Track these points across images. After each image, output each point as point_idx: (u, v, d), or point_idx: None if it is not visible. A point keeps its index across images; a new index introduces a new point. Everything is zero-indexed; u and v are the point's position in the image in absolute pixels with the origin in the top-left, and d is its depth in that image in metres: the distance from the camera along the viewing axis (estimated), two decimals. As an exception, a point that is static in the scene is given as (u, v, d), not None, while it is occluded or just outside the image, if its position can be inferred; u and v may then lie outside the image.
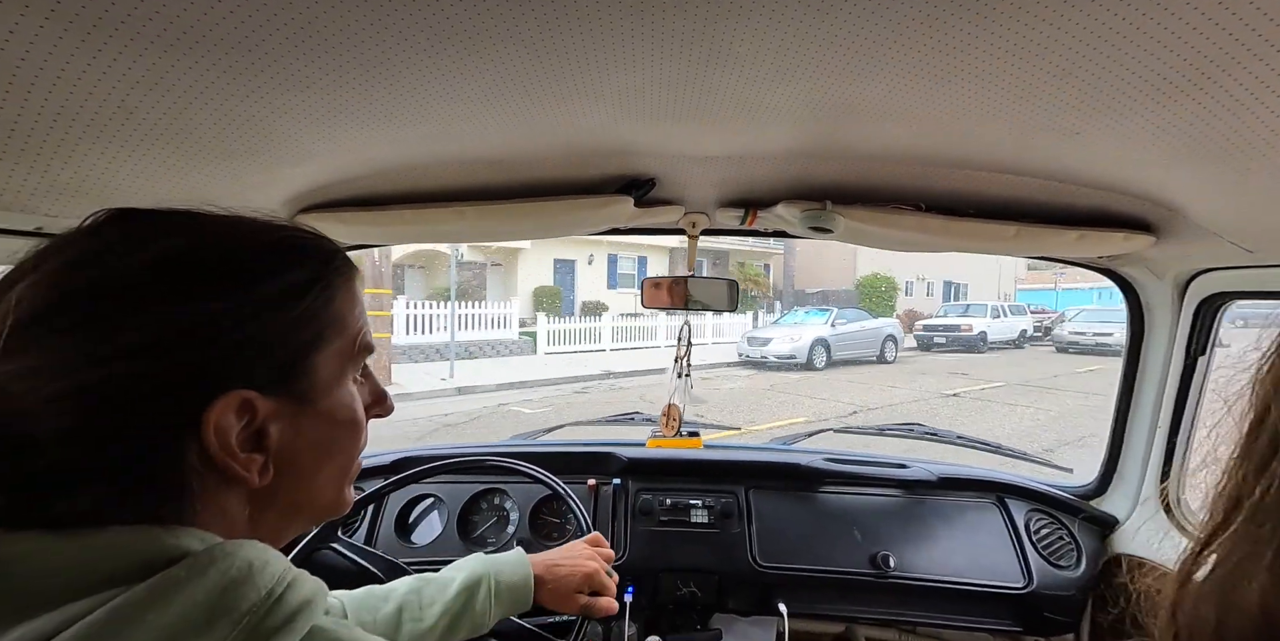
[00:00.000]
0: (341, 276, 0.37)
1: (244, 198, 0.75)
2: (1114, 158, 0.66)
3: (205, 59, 0.44)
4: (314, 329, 0.35)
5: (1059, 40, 0.43)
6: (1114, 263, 1.06)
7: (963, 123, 0.61)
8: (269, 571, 0.29)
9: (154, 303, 0.30)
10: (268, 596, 0.28)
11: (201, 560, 0.28)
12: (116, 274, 0.30)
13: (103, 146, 0.54)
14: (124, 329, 0.29)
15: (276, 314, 0.33)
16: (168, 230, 0.33)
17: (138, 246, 0.32)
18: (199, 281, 0.32)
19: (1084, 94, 0.51)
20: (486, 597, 0.69)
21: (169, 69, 0.44)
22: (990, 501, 1.22)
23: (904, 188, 0.86)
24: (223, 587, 0.27)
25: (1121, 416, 1.17)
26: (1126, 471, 1.18)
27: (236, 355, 0.32)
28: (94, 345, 0.29)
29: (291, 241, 0.37)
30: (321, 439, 0.36)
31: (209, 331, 0.31)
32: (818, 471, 1.22)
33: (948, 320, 14.32)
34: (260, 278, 0.33)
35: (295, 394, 0.34)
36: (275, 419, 0.33)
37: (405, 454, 1.28)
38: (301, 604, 0.29)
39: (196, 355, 0.31)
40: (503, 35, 0.44)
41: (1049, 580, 1.10)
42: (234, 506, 0.33)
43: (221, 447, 0.31)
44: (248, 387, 0.32)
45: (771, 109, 0.61)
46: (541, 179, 0.86)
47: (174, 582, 0.26)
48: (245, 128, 0.57)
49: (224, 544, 0.30)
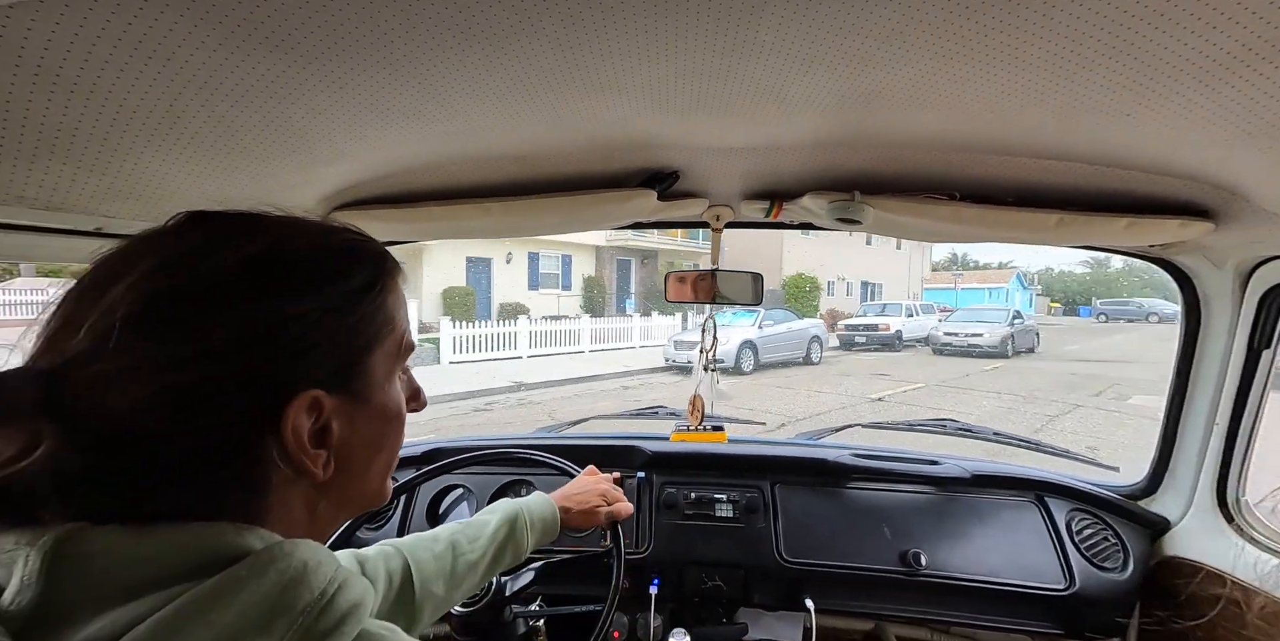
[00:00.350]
0: (393, 278, 0.39)
1: (283, 196, 0.78)
2: (1168, 139, 0.62)
3: (247, 62, 0.46)
4: (372, 329, 0.37)
5: (1106, 17, 0.40)
6: (1168, 251, 1.00)
7: (1001, 107, 0.58)
8: (322, 572, 0.30)
9: (238, 305, 0.31)
10: (320, 596, 0.29)
11: (262, 559, 0.29)
12: (204, 276, 0.31)
13: (154, 149, 0.57)
14: (212, 330, 0.30)
15: (342, 315, 0.35)
16: (246, 233, 0.34)
17: (221, 249, 0.33)
18: (278, 283, 0.33)
19: (1136, 73, 0.48)
20: (523, 528, 0.80)
21: (214, 71, 0.47)
22: (1029, 500, 1.17)
23: (936, 176, 0.82)
24: (281, 587, 0.28)
25: (1174, 412, 1.11)
26: (1179, 470, 1.12)
27: (310, 355, 0.33)
28: (183, 346, 0.30)
29: (353, 244, 0.38)
30: (374, 434, 0.38)
31: (288, 333, 0.32)
32: (845, 467, 1.20)
33: (867, 320, 14.71)
34: (331, 280, 0.35)
35: (353, 392, 0.36)
36: (337, 416, 0.35)
37: (436, 445, 1.32)
38: (351, 607, 0.30)
39: (277, 356, 0.32)
40: (527, 31, 0.45)
41: (1093, 582, 1.06)
42: (297, 501, 0.35)
43: (297, 445, 0.33)
44: (316, 387, 0.33)
45: (798, 99, 0.59)
46: (565, 173, 0.87)
47: (236, 581, 0.28)
48: (284, 128, 0.59)
49: (282, 543, 0.31)
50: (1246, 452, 1.01)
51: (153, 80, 0.46)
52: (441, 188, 0.90)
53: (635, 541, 1.16)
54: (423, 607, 0.68)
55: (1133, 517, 1.14)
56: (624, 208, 0.89)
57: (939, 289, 29.91)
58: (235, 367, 0.31)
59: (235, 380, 0.31)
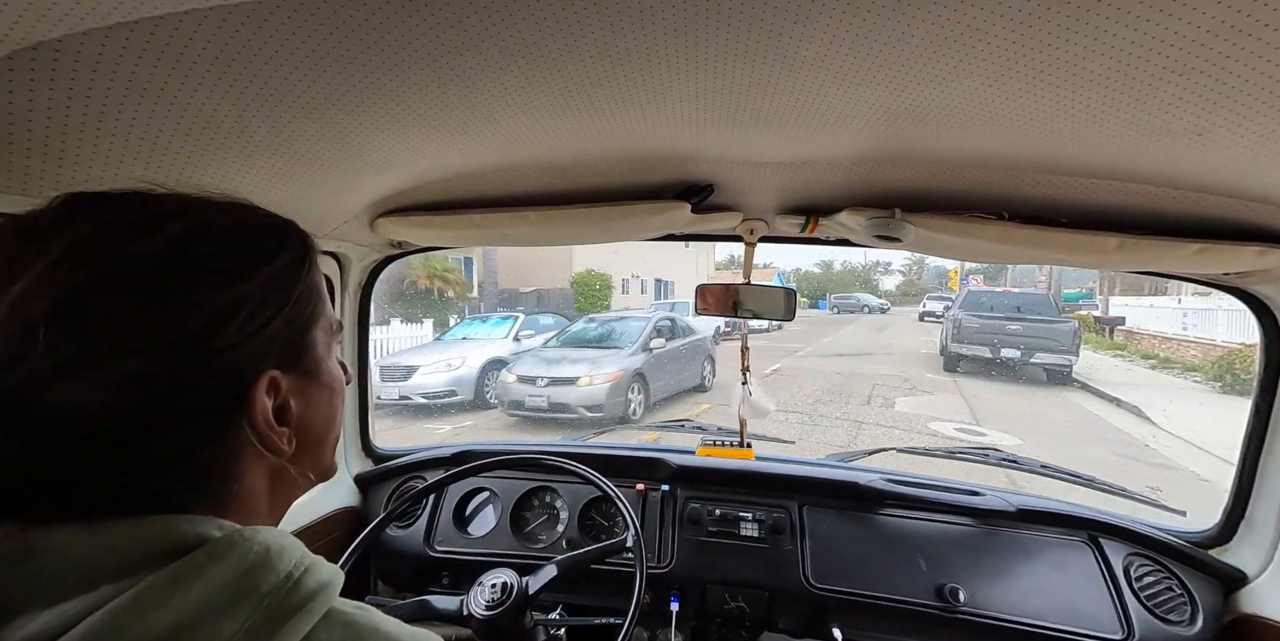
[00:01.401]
0: (315, 253, 0.39)
1: (333, 202, 0.83)
2: (1245, 160, 0.58)
3: (311, 75, 0.49)
4: (309, 306, 0.37)
5: (1180, 32, 0.38)
6: (1244, 280, 0.92)
7: (1059, 126, 0.56)
8: (286, 556, 0.30)
9: (185, 289, 0.30)
10: (286, 579, 0.29)
11: (221, 545, 0.29)
12: (131, 264, 0.30)
13: (222, 157, 0.61)
14: (160, 317, 0.29)
15: (284, 293, 0.35)
16: (153, 215, 0.32)
17: (137, 234, 0.30)
18: (214, 265, 0.32)
19: (1208, 90, 0.45)
20: None
21: (281, 84, 0.50)
22: (1081, 540, 1.09)
23: (983, 194, 0.79)
24: (243, 571, 0.28)
25: (1252, 454, 1.01)
26: (1257, 518, 1.01)
27: (261, 337, 0.33)
28: (131, 336, 0.29)
29: (269, 221, 0.37)
30: (325, 408, 0.39)
31: (240, 315, 0.32)
32: (878, 492, 1.15)
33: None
34: (265, 259, 0.34)
35: (303, 369, 0.36)
36: (292, 394, 0.35)
37: (465, 447, 1.35)
38: (319, 586, 0.30)
39: (234, 339, 0.31)
40: (571, 48, 0.46)
41: (1156, 635, 0.97)
42: (260, 483, 0.35)
43: (266, 425, 0.33)
44: (273, 368, 0.34)
45: (839, 115, 0.59)
46: (601, 185, 0.88)
47: (195, 567, 0.27)
48: (339, 139, 0.63)
49: (242, 530, 0.30)
50: None
51: (225, 93, 0.50)
52: (481, 196, 0.93)
53: (658, 556, 1.15)
54: None
55: (1202, 568, 1.04)
56: (657, 219, 0.90)
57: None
58: (195, 354, 0.30)
59: (198, 368, 0.30)
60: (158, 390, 0.29)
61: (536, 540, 1.20)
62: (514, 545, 1.19)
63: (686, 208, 0.88)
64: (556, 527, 1.21)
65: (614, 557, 1.13)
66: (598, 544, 0.94)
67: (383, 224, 0.97)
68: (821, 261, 53.62)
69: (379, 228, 0.98)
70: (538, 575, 0.89)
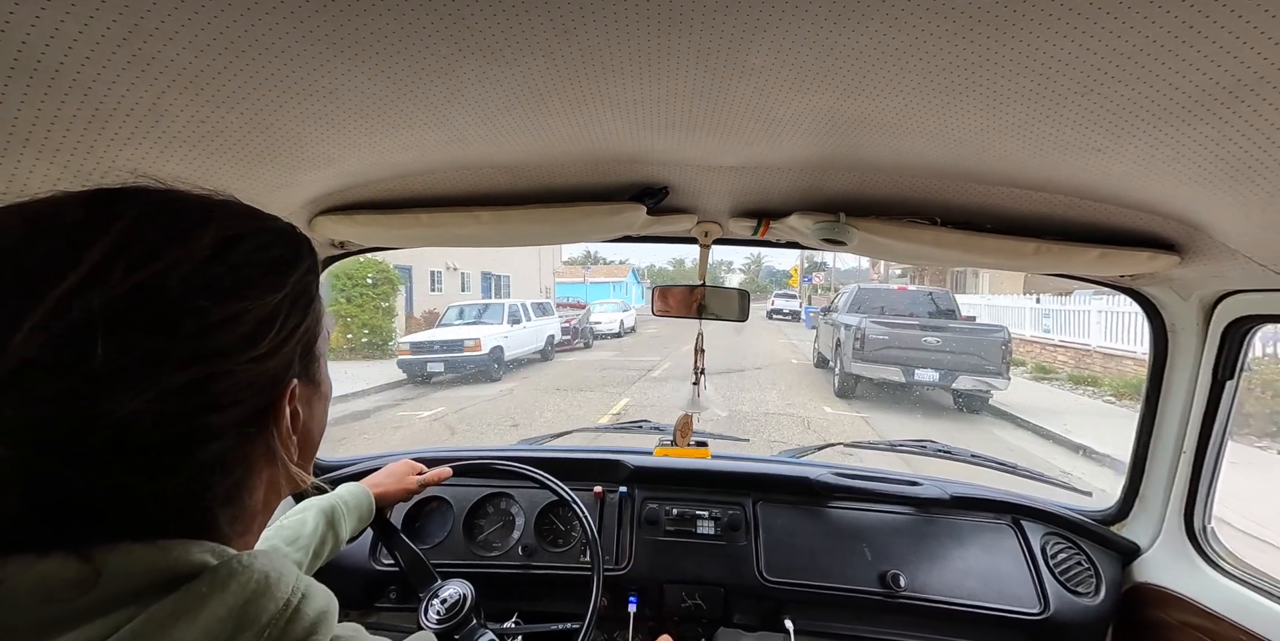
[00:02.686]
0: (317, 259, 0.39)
1: (266, 198, 0.77)
2: (1137, 175, 0.65)
3: (235, 64, 0.45)
4: (318, 313, 0.37)
5: (1080, 57, 0.42)
6: (1137, 282, 1.03)
7: (980, 138, 0.61)
8: (284, 582, 0.29)
9: (234, 295, 0.30)
10: (285, 607, 0.29)
11: (221, 573, 0.28)
12: (179, 267, 0.29)
13: (134, 146, 0.56)
14: (213, 325, 0.29)
15: (307, 300, 0.35)
16: (191, 215, 0.31)
17: (181, 236, 0.30)
18: (258, 271, 0.32)
19: (1107, 111, 0.50)
20: (340, 517, 0.84)
21: (200, 72, 0.46)
22: (1005, 523, 1.19)
23: (920, 201, 0.85)
24: (244, 600, 0.27)
25: (1143, 439, 1.14)
26: (1149, 497, 1.14)
27: (291, 343, 0.33)
28: (185, 343, 0.28)
29: (282, 225, 0.36)
30: (321, 418, 0.39)
31: (276, 322, 0.32)
32: (827, 485, 1.20)
33: (449, 334, 8.86)
34: (293, 264, 0.34)
35: (310, 376, 0.36)
36: (301, 402, 0.35)
37: (415, 455, 1.29)
38: (319, 614, 0.30)
39: (271, 346, 0.31)
40: (522, 44, 0.45)
41: (1067, 607, 1.06)
42: (261, 492, 0.34)
43: (287, 434, 0.33)
44: (295, 375, 0.34)
45: (786, 121, 0.61)
46: (556, 185, 0.87)
47: (197, 598, 0.27)
48: (271, 132, 0.59)
49: (240, 556, 0.30)
50: (1212, 481, 1.03)
51: (136, 77, 0.45)
52: (430, 195, 0.90)
53: (615, 557, 1.14)
54: None
55: (1105, 543, 1.16)
56: (614, 221, 0.90)
57: (570, 283, 29.59)
58: (243, 363, 0.30)
59: (245, 376, 0.30)
60: (208, 399, 0.29)
61: (491, 548, 1.17)
62: (467, 555, 1.15)
63: (642, 209, 0.89)
64: (512, 534, 1.18)
65: (571, 563, 1.11)
66: (557, 553, 0.91)
67: (322, 222, 0.91)
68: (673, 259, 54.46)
69: (317, 226, 0.92)
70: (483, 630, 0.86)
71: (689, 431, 1.30)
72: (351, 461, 1.32)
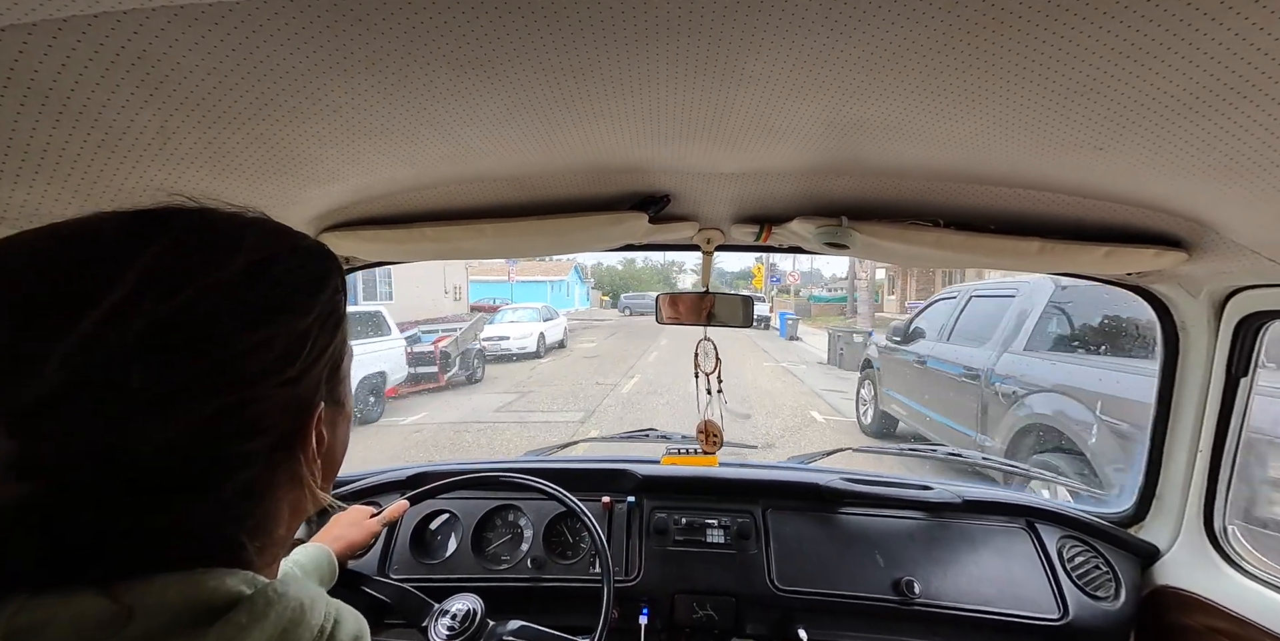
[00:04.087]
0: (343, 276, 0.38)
1: (273, 217, 0.78)
2: (1142, 172, 0.65)
3: (241, 85, 0.46)
4: (345, 333, 0.36)
5: (1080, 57, 0.42)
6: (1144, 280, 1.03)
7: (980, 139, 0.61)
8: (317, 609, 0.29)
9: (263, 321, 0.29)
10: (320, 634, 0.28)
11: (259, 603, 0.27)
12: (211, 292, 0.28)
13: (142, 169, 0.56)
14: (247, 349, 0.28)
15: (335, 321, 0.34)
16: (220, 237, 0.31)
17: (212, 259, 0.29)
18: (289, 293, 0.31)
19: (1108, 110, 0.50)
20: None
21: (207, 95, 0.47)
22: (1019, 526, 1.17)
23: (921, 203, 0.85)
24: (282, 629, 0.27)
25: (1158, 439, 1.12)
26: (1166, 497, 1.12)
27: (319, 365, 0.32)
28: (221, 368, 0.27)
29: (310, 243, 0.36)
30: (344, 440, 0.38)
31: (307, 344, 0.31)
32: (837, 491, 1.18)
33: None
34: (322, 285, 0.34)
35: (335, 398, 0.35)
36: (326, 425, 0.34)
37: (422, 469, 1.29)
38: (352, 639, 0.30)
39: (302, 369, 0.31)
40: (522, 60, 0.46)
41: (1086, 612, 1.04)
42: (286, 517, 0.34)
43: (313, 457, 0.33)
44: (323, 397, 0.33)
45: (786, 127, 0.61)
46: (558, 196, 0.88)
47: (239, 629, 0.26)
48: (277, 150, 0.60)
49: (273, 584, 0.29)
50: (1230, 481, 1.01)
51: (144, 102, 0.46)
52: (434, 209, 0.90)
53: (625, 569, 1.13)
54: None
55: (1123, 545, 1.14)
56: (616, 230, 0.90)
57: (489, 281, 23.48)
58: (276, 387, 0.29)
59: (277, 400, 0.30)
60: (240, 426, 0.28)
61: (500, 561, 1.16)
62: (476, 568, 1.14)
63: (644, 218, 0.89)
64: (520, 546, 1.17)
65: (581, 575, 1.10)
66: (566, 565, 0.90)
67: (328, 239, 0.92)
68: (624, 258, 49.75)
69: (324, 242, 0.93)
70: (501, 623, 0.86)
71: (713, 437, 1.28)
72: (358, 476, 1.32)
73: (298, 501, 0.34)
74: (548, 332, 11.78)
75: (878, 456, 1.47)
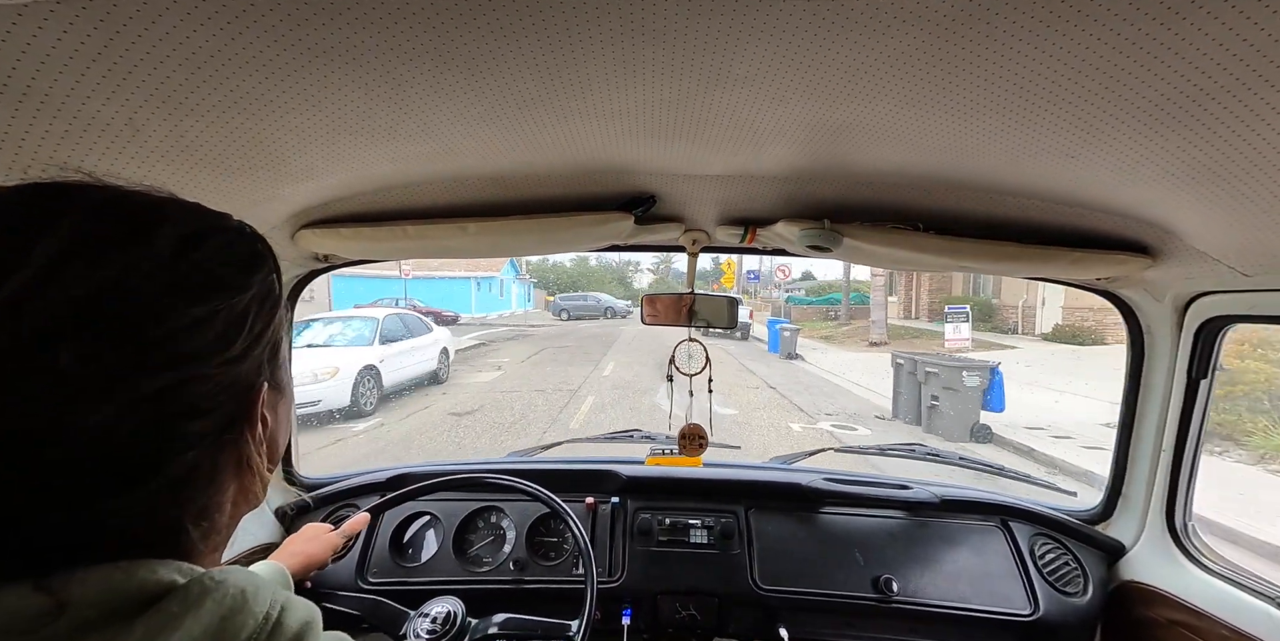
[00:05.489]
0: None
1: (247, 214, 0.76)
2: (1109, 180, 0.67)
3: (214, 78, 0.45)
4: (281, 316, 0.35)
5: (1052, 67, 0.44)
6: (1112, 284, 1.06)
7: (958, 145, 0.62)
8: (261, 596, 0.28)
9: (200, 298, 0.28)
10: (265, 621, 0.27)
11: (193, 592, 0.26)
12: (142, 268, 0.27)
13: (109, 162, 0.55)
14: (181, 329, 0.27)
15: (272, 301, 0.33)
16: (146, 214, 0.29)
17: (139, 235, 0.28)
18: (224, 272, 0.30)
19: (1078, 119, 0.52)
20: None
21: (178, 86, 0.46)
22: (994, 524, 1.20)
23: (902, 207, 0.86)
24: (221, 617, 0.26)
25: (1124, 438, 1.16)
26: (1131, 496, 1.16)
27: (259, 346, 0.32)
28: (154, 349, 0.26)
29: (236, 222, 0.34)
30: (286, 423, 0.37)
31: (246, 324, 0.30)
32: (819, 491, 1.20)
33: None
34: (259, 265, 0.33)
35: (276, 380, 0.35)
36: (268, 406, 0.34)
37: (402, 470, 1.27)
38: (302, 626, 0.29)
39: (242, 349, 0.30)
40: (507, 58, 0.46)
41: (1056, 607, 1.07)
42: (229, 503, 0.33)
43: (259, 440, 0.32)
44: (265, 378, 0.32)
45: (770, 130, 0.62)
46: (544, 195, 0.87)
47: (169, 617, 0.25)
48: (253, 145, 0.58)
49: (210, 572, 0.28)
50: (1191, 479, 1.06)
51: (111, 92, 0.45)
52: (417, 207, 0.89)
53: (608, 569, 1.13)
54: None
55: (1091, 542, 1.17)
56: (601, 230, 0.90)
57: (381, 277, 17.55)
58: (216, 368, 0.28)
59: (218, 381, 0.29)
60: (184, 406, 0.27)
61: (481, 563, 1.14)
62: (457, 570, 1.12)
63: (630, 218, 0.89)
64: (503, 548, 1.16)
65: (564, 576, 1.10)
66: (548, 566, 0.89)
67: (305, 236, 0.90)
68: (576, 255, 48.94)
69: (301, 240, 0.91)
70: (483, 621, 0.85)
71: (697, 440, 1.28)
72: (336, 478, 1.30)
73: (245, 487, 0.33)
74: (393, 364, 6.60)
75: (859, 456, 1.49)
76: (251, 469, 0.32)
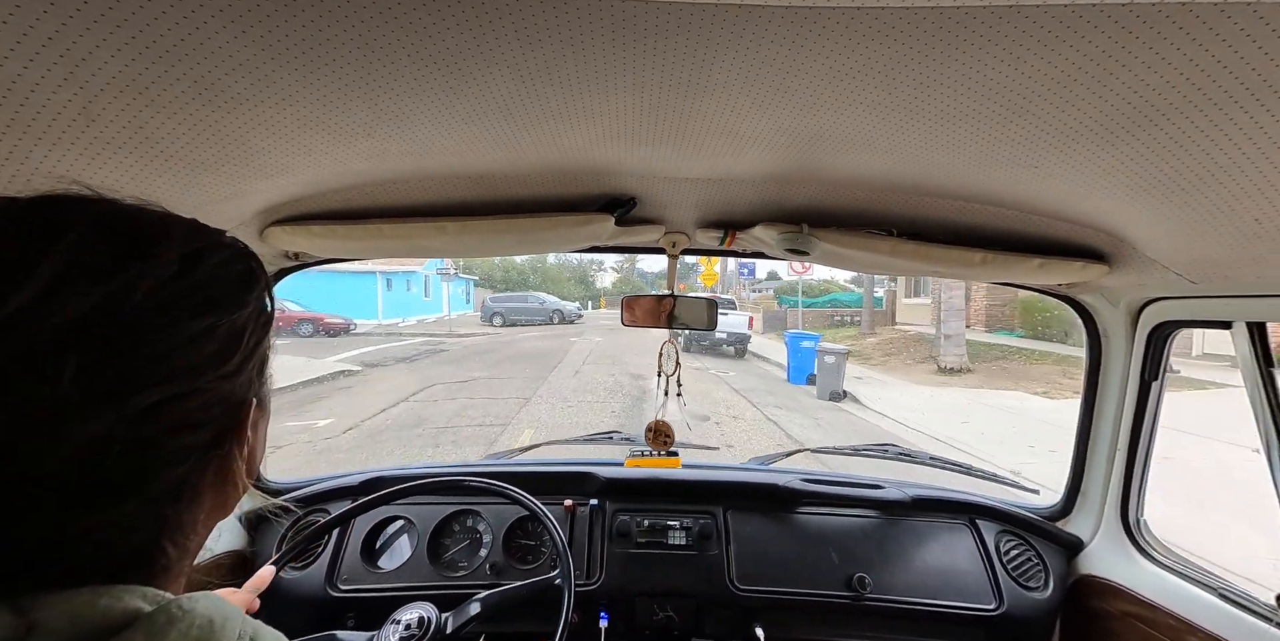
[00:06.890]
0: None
1: (213, 209, 0.73)
2: (1069, 190, 0.70)
3: (175, 69, 0.43)
4: (270, 328, 0.35)
5: (1015, 80, 0.46)
6: (1073, 290, 1.11)
7: (928, 154, 0.64)
8: (229, 627, 0.27)
9: (200, 313, 0.29)
10: None
11: (159, 621, 0.25)
12: (151, 284, 0.27)
13: (60, 152, 0.52)
14: (181, 343, 0.28)
15: (266, 317, 0.34)
16: (149, 230, 0.30)
17: (143, 250, 0.28)
18: (223, 288, 0.31)
19: (1040, 131, 0.54)
20: None
21: (136, 76, 0.44)
22: (962, 522, 1.23)
23: (876, 213, 0.89)
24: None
25: (1083, 438, 1.21)
26: (1089, 493, 1.21)
27: (251, 361, 0.32)
28: (154, 364, 0.27)
29: (229, 238, 0.34)
30: (263, 437, 0.37)
31: (243, 339, 0.31)
32: (795, 492, 1.22)
33: None
34: (255, 280, 0.33)
35: (260, 397, 0.35)
36: (253, 421, 0.34)
37: (375, 474, 1.24)
38: None
39: (237, 364, 0.31)
40: (487, 59, 0.45)
41: (1019, 601, 1.11)
42: (203, 516, 0.32)
43: (246, 455, 0.32)
44: (254, 394, 0.33)
45: (749, 135, 0.63)
46: (523, 196, 0.87)
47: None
48: (215, 139, 0.56)
49: (178, 600, 0.27)
50: (1144, 476, 1.11)
51: (64, 79, 0.43)
52: (393, 205, 0.87)
53: (586, 572, 1.12)
54: None
55: (1052, 538, 1.22)
56: (582, 231, 0.90)
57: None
58: (212, 382, 0.29)
59: (213, 396, 0.29)
60: (177, 420, 0.28)
61: (457, 568, 1.12)
62: (432, 576, 1.10)
63: (610, 220, 0.89)
64: (479, 552, 1.14)
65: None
66: (526, 570, 0.89)
67: (274, 233, 0.87)
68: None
69: (270, 237, 0.88)
70: (459, 611, 0.83)
71: (663, 437, 1.29)
72: (305, 482, 1.26)
73: (221, 500, 0.33)
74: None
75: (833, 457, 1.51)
76: (233, 483, 0.33)
